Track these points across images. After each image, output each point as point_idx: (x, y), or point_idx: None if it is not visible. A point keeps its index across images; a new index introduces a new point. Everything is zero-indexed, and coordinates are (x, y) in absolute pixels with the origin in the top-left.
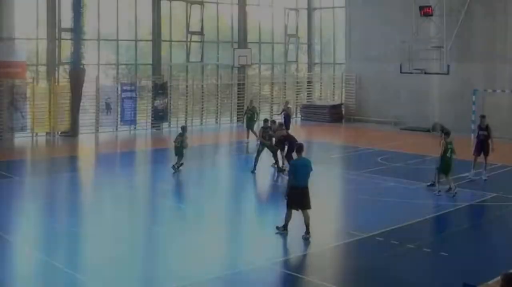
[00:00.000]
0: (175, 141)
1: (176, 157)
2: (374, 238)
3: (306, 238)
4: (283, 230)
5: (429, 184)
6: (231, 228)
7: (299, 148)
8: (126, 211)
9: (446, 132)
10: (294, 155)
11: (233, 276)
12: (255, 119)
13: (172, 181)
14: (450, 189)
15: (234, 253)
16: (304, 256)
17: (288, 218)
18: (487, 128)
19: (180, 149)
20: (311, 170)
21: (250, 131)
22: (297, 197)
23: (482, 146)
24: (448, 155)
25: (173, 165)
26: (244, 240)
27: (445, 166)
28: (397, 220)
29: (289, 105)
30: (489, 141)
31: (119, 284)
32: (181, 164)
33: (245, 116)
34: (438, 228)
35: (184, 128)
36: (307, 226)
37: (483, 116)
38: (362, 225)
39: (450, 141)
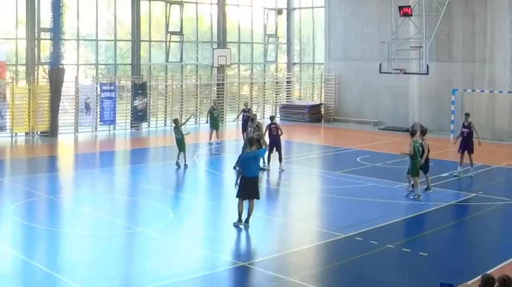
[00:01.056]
0: (176, 134)
1: (181, 152)
2: (353, 238)
3: (247, 227)
4: (238, 222)
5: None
6: (210, 227)
7: (251, 141)
8: (105, 211)
9: (412, 133)
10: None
11: (212, 276)
12: (219, 120)
13: (150, 180)
14: (427, 188)
15: (213, 253)
16: (284, 256)
17: (240, 210)
18: (469, 125)
19: (181, 141)
20: (259, 158)
21: (214, 132)
22: (249, 186)
23: (465, 143)
24: (417, 154)
25: (177, 161)
26: (224, 240)
27: (413, 166)
28: (377, 220)
29: (249, 107)
30: (473, 138)
31: (97, 284)
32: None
33: (209, 117)
34: (418, 228)
35: (176, 121)
36: (249, 215)
37: (467, 114)
38: (342, 225)
39: (417, 140)
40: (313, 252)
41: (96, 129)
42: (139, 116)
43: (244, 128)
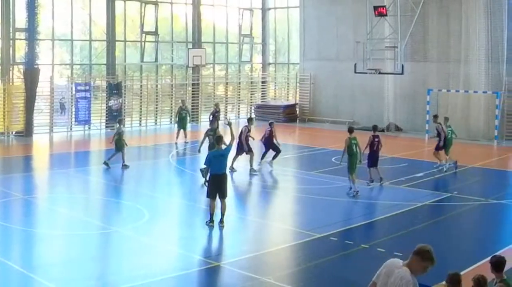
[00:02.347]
0: (114, 135)
1: (119, 153)
2: (328, 238)
3: (221, 227)
4: (209, 223)
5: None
6: (185, 227)
7: (218, 139)
8: (80, 211)
9: (350, 130)
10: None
11: (187, 276)
12: (187, 120)
13: (125, 180)
14: (381, 179)
15: (188, 253)
16: (259, 256)
17: (212, 210)
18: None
19: (120, 142)
20: (227, 155)
21: (181, 132)
22: (217, 184)
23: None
24: (355, 151)
25: (106, 161)
26: (199, 240)
27: (350, 163)
28: (352, 220)
29: (218, 108)
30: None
31: (72, 284)
32: (110, 158)
33: (177, 116)
34: (392, 228)
35: (120, 121)
36: (223, 215)
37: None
38: (317, 225)
39: (354, 137)
40: (288, 252)
41: (71, 129)
42: (114, 116)
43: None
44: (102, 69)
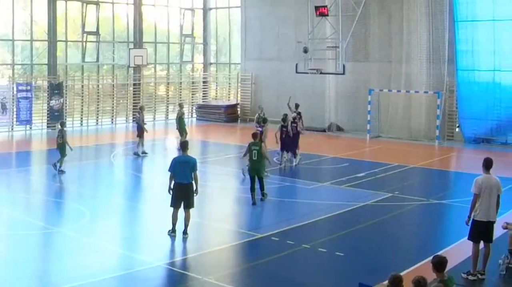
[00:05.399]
0: (57, 138)
1: (60, 155)
2: (270, 238)
3: (185, 238)
4: (172, 233)
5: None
6: (127, 227)
7: (183, 145)
8: (21, 211)
9: (253, 135)
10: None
11: (129, 276)
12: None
13: (67, 180)
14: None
15: (129, 253)
16: (200, 256)
17: (174, 219)
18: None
19: (63, 145)
20: (194, 168)
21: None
22: (180, 194)
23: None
24: (254, 157)
25: (55, 163)
26: (140, 240)
27: (251, 168)
28: (294, 220)
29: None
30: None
31: (14, 284)
32: (59, 163)
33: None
34: (334, 228)
35: (63, 124)
36: (186, 226)
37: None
38: (258, 225)
39: (255, 142)
40: (229, 252)
41: (12, 129)
42: (55, 116)
43: (139, 133)
44: (44, 69)
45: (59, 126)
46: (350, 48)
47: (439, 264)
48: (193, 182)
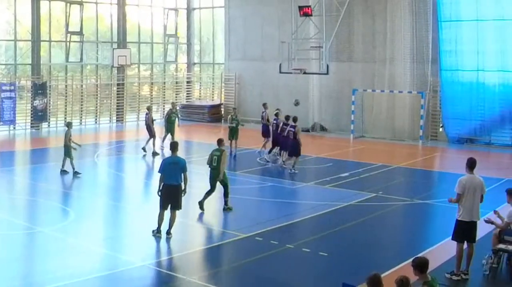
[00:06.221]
0: (68, 141)
1: (68, 159)
2: (253, 238)
3: (169, 238)
4: (156, 233)
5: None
6: (111, 227)
7: (173, 146)
8: (5, 211)
9: (218, 141)
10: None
11: (113, 276)
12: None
13: (50, 180)
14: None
15: (113, 253)
16: (184, 256)
17: (160, 220)
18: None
19: (66, 146)
20: (184, 168)
21: (168, 136)
22: (169, 195)
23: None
24: (214, 163)
25: (73, 169)
26: (124, 240)
27: (210, 176)
28: (277, 220)
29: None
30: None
31: None
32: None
33: (167, 120)
34: (318, 228)
35: (68, 124)
36: (171, 226)
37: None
38: (242, 225)
39: (218, 149)
40: (213, 252)
41: None
42: (39, 116)
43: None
44: (27, 69)
45: (66, 127)
46: (334, 48)
47: (423, 265)
48: (182, 183)
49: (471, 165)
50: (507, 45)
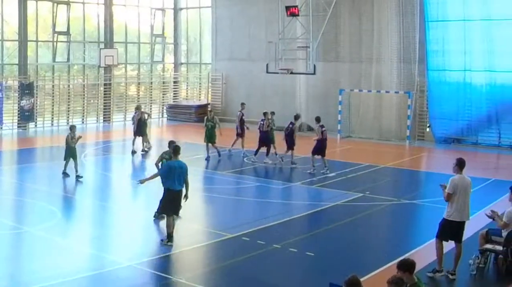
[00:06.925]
0: (72, 144)
1: (73, 161)
2: (240, 238)
3: (166, 244)
4: (167, 242)
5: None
6: (98, 227)
7: (175, 150)
8: None
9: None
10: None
11: (99, 276)
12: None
13: (37, 180)
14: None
15: (100, 253)
16: (171, 256)
17: (171, 227)
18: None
19: (74, 149)
20: (186, 173)
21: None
22: (173, 200)
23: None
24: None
25: (76, 175)
26: (111, 240)
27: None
28: (264, 220)
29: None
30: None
31: None
32: (76, 169)
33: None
34: (305, 228)
35: (71, 128)
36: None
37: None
38: (229, 225)
39: (166, 151)
40: (200, 252)
41: None
42: (26, 116)
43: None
44: (14, 69)
45: (70, 129)
46: (321, 48)
47: (411, 266)
48: (183, 188)
49: (461, 165)
50: (494, 45)
